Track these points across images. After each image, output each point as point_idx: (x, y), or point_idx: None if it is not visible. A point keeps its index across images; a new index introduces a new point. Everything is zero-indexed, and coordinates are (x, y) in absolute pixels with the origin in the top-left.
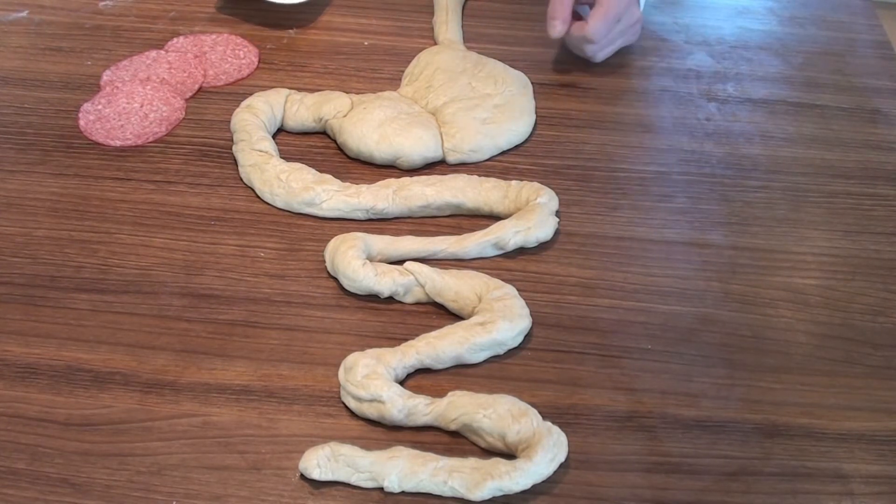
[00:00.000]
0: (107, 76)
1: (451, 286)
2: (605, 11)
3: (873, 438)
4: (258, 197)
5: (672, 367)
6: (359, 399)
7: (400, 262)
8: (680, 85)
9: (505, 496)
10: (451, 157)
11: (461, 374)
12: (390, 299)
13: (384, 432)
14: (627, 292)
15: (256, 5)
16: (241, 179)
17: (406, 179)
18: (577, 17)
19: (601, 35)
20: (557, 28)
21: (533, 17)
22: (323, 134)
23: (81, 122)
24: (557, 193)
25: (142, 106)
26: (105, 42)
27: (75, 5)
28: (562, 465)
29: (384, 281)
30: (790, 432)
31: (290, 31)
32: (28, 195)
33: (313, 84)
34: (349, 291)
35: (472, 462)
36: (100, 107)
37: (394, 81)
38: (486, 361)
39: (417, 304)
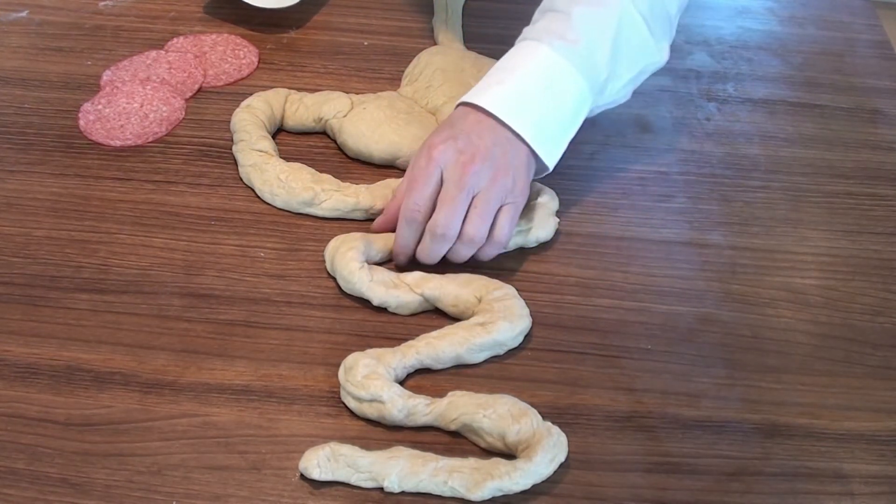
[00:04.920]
0: (107, 76)
1: (451, 291)
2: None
3: (873, 438)
4: (258, 197)
5: (672, 367)
6: (359, 399)
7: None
8: (680, 85)
9: (505, 496)
10: None
11: (461, 374)
12: None
13: (384, 432)
14: (627, 292)
15: (240, 3)
16: (241, 179)
17: None
18: None
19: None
20: (401, 260)
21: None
22: (323, 134)
23: (81, 122)
24: (557, 193)
25: (142, 106)
26: (105, 42)
27: (75, 5)
28: (562, 465)
29: (376, 289)
30: (790, 432)
31: (290, 31)
32: (28, 195)
33: (313, 84)
34: None
35: (472, 462)
36: (100, 107)
37: (394, 81)
38: (486, 361)
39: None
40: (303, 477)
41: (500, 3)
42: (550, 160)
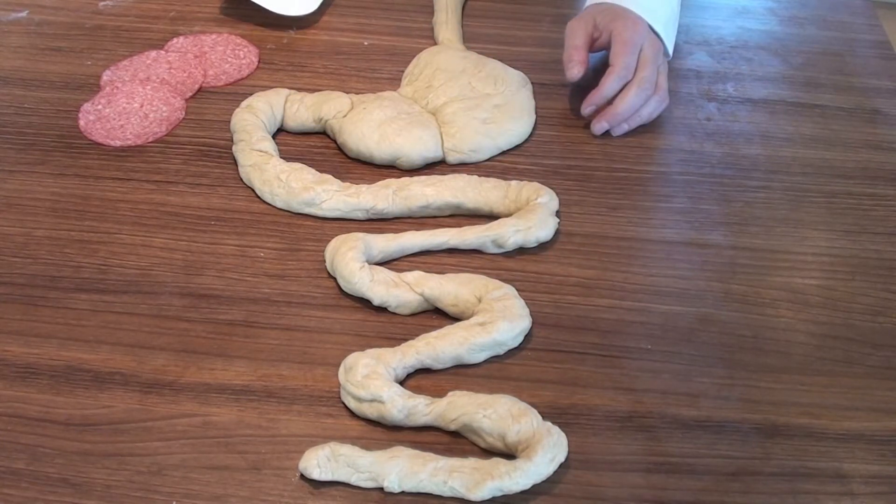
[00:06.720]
0: (107, 76)
1: (451, 291)
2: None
3: (873, 438)
4: (258, 197)
5: (672, 367)
6: (359, 399)
7: (401, 257)
8: (680, 85)
9: (505, 496)
10: (451, 157)
11: (461, 374)
12: None
13: (384, 432)
14: (627, 292)
15: (258, 6)
16: (241, 179)
17: (406, 179)
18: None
19: (630, 106)
20: (575, 71)
21: (533, 17)
22: (323, 134)
23: (81, 122)
24: (557, 193)
25: (142, 106)
26: (105, 42)
27: (75, 5)
28: (562, 465)
29: (377, 289)
30: (790, 432)
31: (290, 31)
32: (28, 195)
33: (313, 84)
34: None
35: (472, 462)
36: (100, 107)
37: (394, 81)
38: (486, 361)
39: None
40: (303, 477)
41: (500, 3)
42: (671, 50)
